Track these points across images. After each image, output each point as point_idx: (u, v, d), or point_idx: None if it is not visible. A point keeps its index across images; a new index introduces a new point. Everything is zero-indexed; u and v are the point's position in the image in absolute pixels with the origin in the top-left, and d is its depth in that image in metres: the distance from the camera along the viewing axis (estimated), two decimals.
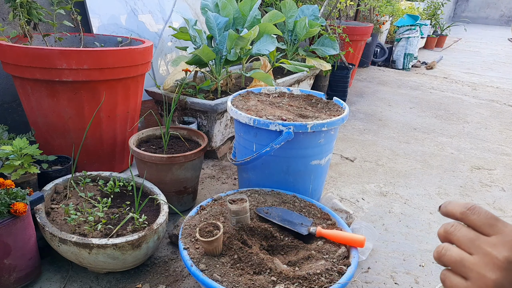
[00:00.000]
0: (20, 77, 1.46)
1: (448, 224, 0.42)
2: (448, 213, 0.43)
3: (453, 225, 0.42)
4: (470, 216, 0.40)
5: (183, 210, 1.67)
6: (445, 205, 0.43)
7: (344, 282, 0.99)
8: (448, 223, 0.42)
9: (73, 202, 1.35)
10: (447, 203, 0.43)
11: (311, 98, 1.78)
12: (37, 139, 1.59)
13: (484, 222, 0.40)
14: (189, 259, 1.05)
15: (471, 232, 0.40)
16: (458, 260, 0.39)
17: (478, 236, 0.39)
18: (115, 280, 1.28)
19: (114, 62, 1.48)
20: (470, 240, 0.40)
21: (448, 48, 7.58)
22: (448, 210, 0.43)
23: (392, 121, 3.18)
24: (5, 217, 1.08)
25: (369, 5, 4.58)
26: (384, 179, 2.16)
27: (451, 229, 0.41)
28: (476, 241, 0.39)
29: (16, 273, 1.16)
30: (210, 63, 2.09)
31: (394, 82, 4.57)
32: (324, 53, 2.87)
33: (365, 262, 1.47)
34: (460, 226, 0.41)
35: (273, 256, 1.13)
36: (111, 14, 2.10)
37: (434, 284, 1.40)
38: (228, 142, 2.28)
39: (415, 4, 5.93)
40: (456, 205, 0.42)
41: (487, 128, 3.16)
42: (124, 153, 1.80)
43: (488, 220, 0.39)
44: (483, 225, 0.40)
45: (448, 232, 0.42)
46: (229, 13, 2.16)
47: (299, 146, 1.41)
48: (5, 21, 1.74)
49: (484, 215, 0.40)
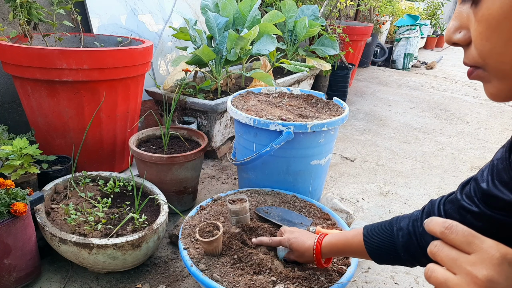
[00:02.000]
0: (20, 77, 1.46)
1: (432, 244, 0.43)
2: (430, 231, 0.44)
3: (436, 245, 0.43)
4: (449, 235, 0.42)
5: (183, 210, 1.67)
6: (427, 224, 0.44)
7: (344, 282, 0.99)
8: (432, 243, 0.43)
9: (73, 202, 1.35)
10: (429, 221, 0.44)
11: (311, 98, 1.78)
12: (37, 139, 1.59)
13: (462, 241, 0.41)
14: (189, 259, 1.05)
15: (452, 251, 0.41)
16: (443, 281, 0.40)
17: (459, 255, 0.40)
18: (115, 280, 1.28)
19: (114, 62, 1.48)
20: (452, 260, 0.41)
21: (448, 48, 7.58)
22: (429, 228, 0.44)
23: (392, 121, 3.18)
24: (5, 217, 1.08)
25: (369, 5, 4.58)
26: (384, 179, 2.16)
27: (434, 249, 0.43)
28: (457, 260, 0.40)
29: (16, 273, 1.16)
30: (210, 63, 2.09)
31: (394, 82, 4.57)
32: (324, 53, 2.87)
33: (365, 262, 1.47)
34: (443, 245, 0.42)
35: (273, 256, 1.13)
36: (111, 14, 2.10)
37: None
38: (228, 142, 2.28)
39: (415, 4, 5.93)
40: (436, 224, 0.43)
41: (487, 128, 3.16)
42: (124, 153, 1.80)
43: (465, 238, 0.40)
44: (462, 244, 0.41)
45: (432, 252, 0.43)
46: (229, 13, 2.16)
47: (299, 146, 1.41)
48: (5, 21, 1.74)
49: (462, 233, 0.41)
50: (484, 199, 0.60)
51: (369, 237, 0.82)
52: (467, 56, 0.45)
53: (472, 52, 0.44)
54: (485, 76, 0.44)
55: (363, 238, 0.83)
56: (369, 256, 0.82)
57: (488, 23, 0.40)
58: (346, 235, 0.90)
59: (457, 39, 0.45)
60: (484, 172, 0.63)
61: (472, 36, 0.43)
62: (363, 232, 0.84)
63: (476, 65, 0.44)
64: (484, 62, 0.43)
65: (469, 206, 0.63)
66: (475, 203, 0.62)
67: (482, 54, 0.42)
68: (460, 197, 0.66)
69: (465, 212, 0.64)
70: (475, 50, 0.43)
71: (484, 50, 0.42)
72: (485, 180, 0.61)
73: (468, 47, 0.45)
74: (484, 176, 0.62)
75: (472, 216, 0.62)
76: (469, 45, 0.44)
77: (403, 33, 5.14)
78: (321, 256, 0.95)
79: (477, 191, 0.62)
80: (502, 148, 0.60)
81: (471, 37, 0.43)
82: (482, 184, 0.61)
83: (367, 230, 0.84)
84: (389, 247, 0.78)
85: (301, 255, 1.00)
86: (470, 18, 0.43)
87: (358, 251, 0.85)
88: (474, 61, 0.44)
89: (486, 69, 0.43)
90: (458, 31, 0.45)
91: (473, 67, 0.45)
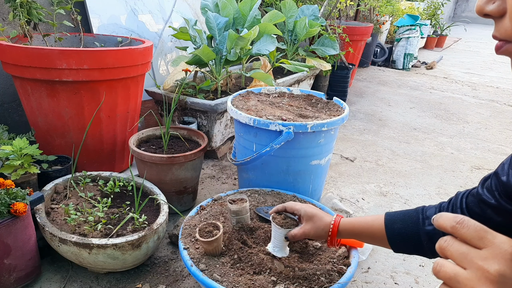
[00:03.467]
0: (20, 77, 1.46)
1: (442, 239, 0.43)
2: (440, 227, 0.43)
3: (446, 240, 0.42)
4: (460, 230, 0.41)
5: (183, 210, 1.67)
6: (437, 219, 0.44)
7: (344, 282, 0.99)
8: (442, 238, 0.43)
9: (73, 202, 1.35)
10: (438, 216, 0.44)
11: (311, 98, 1.78)
12: (37, 139, 1.59)
13: (473, 236, 0.40)
14: (189, 259, 1.05)
15: (462, 246, 0.41)
16: (452, 276, 0.40)
17: (470, 250, 0.40)
18: (115, 280, 1.28)
19: (114, 62, 1.48)
20: (462, 255, 0.40)
21: (448, 48, 7.58)
22: (439, 224, 0.43)
23: (392, 121, 3.18)
24: (5, 217, 1.08)
25: (369, 5, 4.58)
26: (384, 179, 2.16)
27: (444, 244, 0.42)
28: (468, 255, 0.40)
29: (16, 273, 1.16)
30: (210, 63, 2.09)
31: (394, 82, 4.57)
32: (324, 53, 2.87)
33: (365, 262, 1.47)
34: (453, 240, 0.42)
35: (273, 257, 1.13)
36: (111, 14, 2.10)
37: (434, 284, 1.40)
38: (228, 142, 2.28)
39: (415, 4, 5.93)
40: (446, 219, 0.42)
41: (487, 128, 3.16)
42: (124, 153, 1.80)
43: (477, 233, 0.40)
44: (473, 239, 0.40)
45: (442, 248, 0.42)
46: (229, 13, 2.16)
47: (299, 146, 1.41)
48: (5, 21, 1.74)
49: (473, 228, 0.40)
50: (505, 192, 0.60)
51: (391, 222, 0.82)
52: (498, 29, 0.42)
53: (505, 25, 0.41)
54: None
55: (385, 223, 0.82)
56: (387, 242, 0.81)
57: None
58: (366, 219, 0.89)
59: (489, 10, 0.42)
60: (505, 166, 0.62)
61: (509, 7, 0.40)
62: (385, 217, 0.83)
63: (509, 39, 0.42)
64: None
65: (489, 199, 0.63)
66: (495, 197, 0.62)
67: None
68: (481, 191, 0.66)
69: (485, 206, 0.64)
70: (509, 23, 0.40)
71: None
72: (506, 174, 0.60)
73: (500, 20, 0.42)
74: (505, 170, 0.61)
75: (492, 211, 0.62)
76: (502, 17, 0.42)
77: (403, 33, 5.14)
78: (337, 235, 0.93)
79: (498, 185, 0.62)
80: None
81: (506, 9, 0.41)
82: (503, 178, 0.60)
83: (389, 216, 0.83)
84: (412, 234, 0.78)
85: (315, 228, 0.96)
86: None
87: (376, 236, 0.84)
88: (506, 35, 0.41)
89: None
90: (491, 1, 0.42)
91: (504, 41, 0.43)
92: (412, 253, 0.80)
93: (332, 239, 0.95)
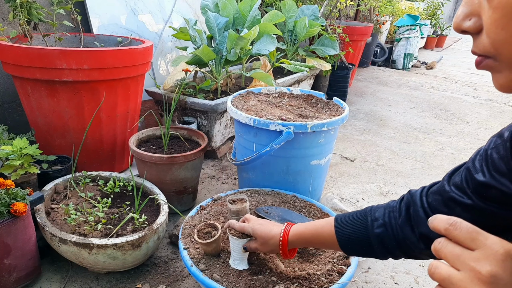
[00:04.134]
0: (20, 77, 1.46)
1: (436, 241, 0.43)
2: (434, 228, 0.44)
3: (440, 242, 0.43)
4: (453, 232, 0.42)
5: (183, 210, 1.67)
6: (431, 221, 0.44)
7: (344, 282, 0.99)
8: (436, 240, 0.43)
9: (73, 202, 1.35)
10: (433, 218, 0.44)
11: (311, 98, 1.78)
12: (37, 139, 1.59)
13: (466, 237, 0.41)
14: (189, 259, 1.05)
15: (456, 248, 0.41)
16: (446, 277, 0.40)
17: (463, 252, 0.40)
18: (115, 280, 1.28)
19: (114, 62, 1.48)
20: (455, 256, 0.41)
21: (448, 48, 7.58)
22: (434, 226, 0.44)
23: (392, 121, 3.18)
24: (5, 217, 1.08)
25: (369, 5, 4.58)
26: (384, 179, 2.16)
27: (438, 246, 0.43)
28: (460, 256, 0.40)
29: (16, 273, 1.16)
30: (210, 63, 2.09)
31: (394, 82, 4.57)
32: (324, 53, 2.87)
33: (365, 262, 1.47)
34: (447, 242, 0.42)
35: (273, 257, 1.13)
36: (111, 14, 2.10)
37: (434, 284, 1.39)
38: (228, 142, 2.28)
39: (415, 4, 5.93)
40: (440, 221, 0.43)
41: (487, 128, 3.16)
42: (124, 153, 1.80)
43: (469, 235, 0.40)
44: (466, 240, 0.41)
45: (436, 249, 0.43)
46: (229, 13, 2.16)
47: (299, 146, 1.41)
48: (5, 21, 1.74)
49: (466, 229, 0.41)
50: (479, 190, 0.59)
51: (341, 227, 0.78)
52: (476, 45, 0.43)
53: (483, 40, 0.42)
54: (496, 66, 0.42)
55: (335, 228, 0.79)
56: (339, 247, 0.79)
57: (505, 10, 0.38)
58: (316, 224, 0.85)
59: (467, 27, 0.43)
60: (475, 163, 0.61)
61: (485, 24, 0.41)
62: (335, 222, 0.80)
63: (487, 55, 0.42)
64: (496, 51, 0.41)
65: (461, 198, 0.61)
66: (467, 194, 0.61)
67: (495, 43, 0.40)
68: (449, 189, 0.64)
69: (454, 205, 0.62)
70: (487, 39, 0.41)
71: (498, 39, 0.40)
72: (480, 171, 0.59)
73: (478, 36, 0.43)
74: (477, 167, 0.60)
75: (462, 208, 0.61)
76: (480, 33, 0.42)
77: (403, 33, 5.14)
78: (288, 245, 0.90)
79: (469, 182, 0.61)
80: (494, 137, 0.59)
81: (483, 25, 0.41)
82: (477, 175, 0.59)
83: (339, 220, 0.80)
84: (362, 238, 0.75)
85: (265, 243, 0.93)
86: (482, 5, 0.41)
87: (328, 241, 0.81)
88: (484, 51, 0.42)
89: (498, 59, 0.41)
90: (468, 18, 0.43)
91: (483, 56, 0.43)
92: (365, 256, 0.78)
93: (284, 251, 0.91)
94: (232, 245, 1.02)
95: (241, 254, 1.02)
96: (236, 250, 1.02)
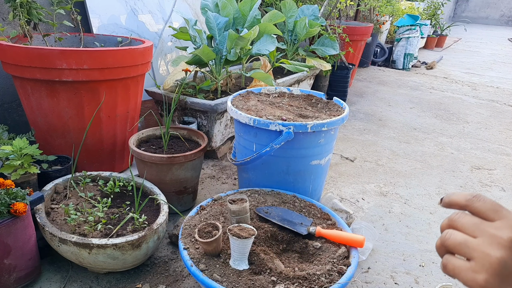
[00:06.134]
0: (20, 77, 1.46)
1: (452, 214, 0.43)
2: (451, 202, 0.44)
3: (457, 213, 0.43)
4: (476, 202, 0.42)
5: (183, 210, 1.67)
6: (449, 196, 0.44)
7: (344, 282, 0.99)
8: (453, 213, 0.43)
9: (73, 202, 1.35)
10: (451, 193, 0.44)
11: (311, 98, 1.78)
12: (37, 139, 1.59)
13: (489, 208, 0.41)
14: (189, 259, 1.05)
15: (475, 218, 0.41)
16: (462, 241, 0.40)
17: (482, 221, 0.40)
18: (115, 280, 1.28)
19: (114, 62, 1.48)
20: (474, 225, 0.41)
21: (448, 48, 7.58)
22: (452, 199, 0.44)
23: (392, 121, 3.18)
24: (5, 217, 1.08)
25: (369, 5, 4.58)
26: (384, 179, 2.16)
27: (455, 217, 0.42)
28: (480, 225, 0.40)
29: (16, 273, 1.16)
30: (210, 63, 2.09)
31: (394, 82, 4.57)
32: (324, 53, 2.87)
33: (365, 262, 1.47)
34: (464, 214, 0.42)
35: (273, 257, 1.13)
36: (111, 14, 2.10)
37: (434, 284, 1.40)
38: (228, 142, 2.28)
39: (415, 4, 5.93)
40: (461, 194, 0.43)
41: (487, 128, 3.16)
42: (124, 153, 1.80)
43: (493, 206, 0.41)
44: (488, 211, 0.41)
45: (452, 220, 0.42)
46: (229, 13, 2.16)
47: (299, 146, 1.41)
48: (5, 21, 1.74)
49: (490, 201, 0.41)
50: None
51: None
52: None
53: None
54: None
55: None
56: None
57: None
58: None
59: None
60: None
61: None
62: None
63: None
64: None
65: None
66: None
67: None
68: None
69: None
70: None
71: None
72: None
73: None
74: None
75: None
76: None
77: (403, 33, 5.14)
78: None
79: None
80: None
81: None
82: None
83: None
84: None
85: None
86: None
87: None
88: None
89: None
90: None
91: None
92: None
93: None
94: (232, 245, 1.02)
95: (241, 255, 1.02)
96: (236, 250, 1.02)
